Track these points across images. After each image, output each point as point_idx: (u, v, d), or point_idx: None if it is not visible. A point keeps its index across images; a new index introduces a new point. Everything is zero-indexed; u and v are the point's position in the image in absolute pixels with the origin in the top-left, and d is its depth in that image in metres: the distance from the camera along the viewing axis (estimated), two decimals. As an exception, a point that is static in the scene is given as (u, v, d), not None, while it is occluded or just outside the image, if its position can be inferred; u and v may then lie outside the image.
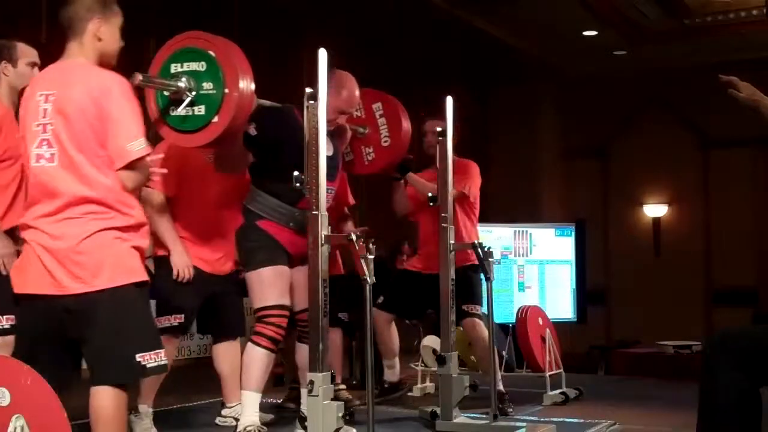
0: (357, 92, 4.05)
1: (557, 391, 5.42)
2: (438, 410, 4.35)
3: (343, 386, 4.98)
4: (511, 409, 4.85)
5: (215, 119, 3.39)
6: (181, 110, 3.38)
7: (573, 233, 7.97)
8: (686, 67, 10.87)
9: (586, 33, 9.97)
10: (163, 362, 2.87)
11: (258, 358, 3.79)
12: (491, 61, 10.82)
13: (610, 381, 7.56)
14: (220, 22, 8.17)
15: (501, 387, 4.92)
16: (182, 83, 3.39)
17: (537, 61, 10.88)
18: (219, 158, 3.85)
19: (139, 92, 3.16)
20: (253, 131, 3.80)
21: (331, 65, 3.47)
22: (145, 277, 2.88)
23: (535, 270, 7.63)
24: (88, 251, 2.77)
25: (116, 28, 3.03)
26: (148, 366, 2.81)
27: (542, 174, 11.97)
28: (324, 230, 3.38)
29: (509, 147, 11.94)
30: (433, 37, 9.67)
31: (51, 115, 2.81)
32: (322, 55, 3.42)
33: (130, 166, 2.83)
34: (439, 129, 4.50)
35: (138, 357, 2.79)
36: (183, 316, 4.04)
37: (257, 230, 3.88)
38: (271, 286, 3.82)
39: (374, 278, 3.37)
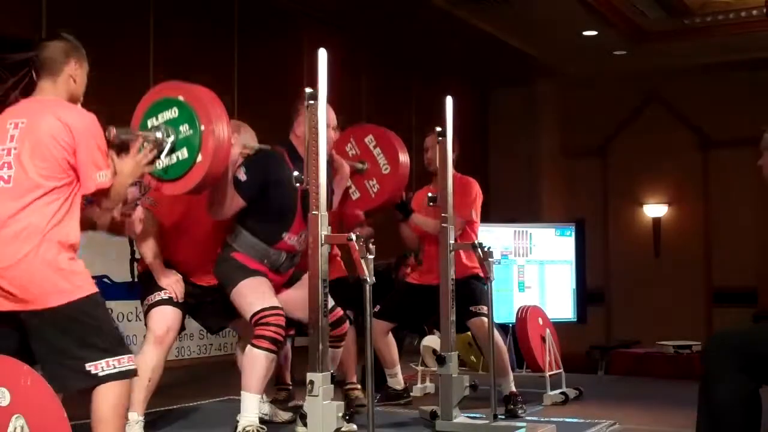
0: (328, 107, 4.10)
1: (557, 391, 5.42)
2: (438, 410, 4.35)
3: (357, 385, 4.99)
4: (522, 411, 4.85)
5: (199, 158, 3.41)
6: (164, 158, 3.41)
7: (573, 233, 7.97)
8: (686, 67, 10.88)
9: (586, 33, 9.97)
10: (125, 368, 2.92)
11: (258, 361, 3.77)
12: (491, 61, 10.82)
13: (610, 381, 7.55)
14: (220, 22, 8.19)
15: (513, 388, 4.93)
16: (159, 133, 3.43)
17: (537, 61, 10.88)
18: (211, 204, 3.86)
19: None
20: (242, 176, 3.85)
21: (332, 65, 3.47)
22: (84, 292, 2.91)
23: (535, 270, 7.62)
24: (21, 272, 2.84)
25: (85, 72, 3.21)
26: (102, 374, 2.86)
27: (542, 174, 11.97)
28: (324, 230, 3.38)
29: (509, 147, 11.95)
30: (433, 37, 9.67)
31: (17, 139, 2.95)
32: (322, 55, 3.43)
33: (98, 193, 3.04)
34: (438, 129, 4.50)
35: (88, 366, 2.85)
36: (166, 292, 3.99)
37: (232, 259, 3.94)
38: (256, 292, 3.85)
39: (374, 279, 3.37)
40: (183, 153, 3.42)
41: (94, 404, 2.86)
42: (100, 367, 2.86)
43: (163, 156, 3.40)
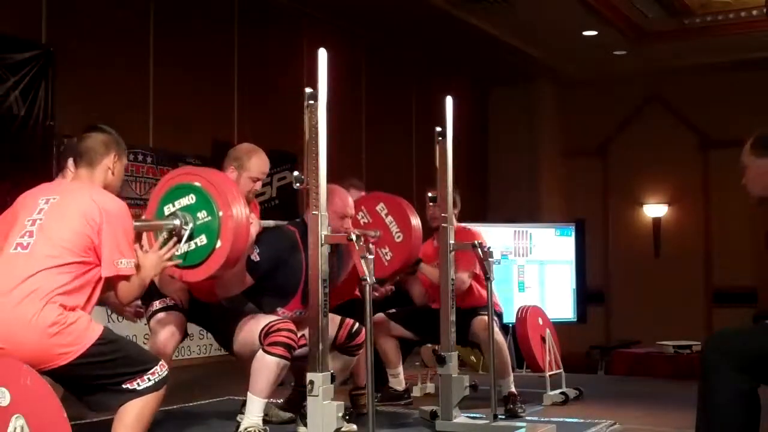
0: (346, 194, 4.17)
1: (557, 391, 5.42)
2: (438, 410, 4.35)
3: (365, 391, 4.98)
4: (522, 411, 4.85)
5: (218, 244, 3.40)
6: (183, 245, 3.40)
7: (573, 233, 7.97)
8: (686, 67, 10.89)
9: (586, 33, 9.97)
10: (159, 378, 2.98)
11: (269, 366, 3.74)
12: (491, 61, 10.82)
13: (610, 381, 7.55)
14: (220, 22, 8.19)
15: (513, 388, 4.94)
16: (177, 220, 3.43)
17: (537, 61, 10.88)
18: (220, 285, 3.86)
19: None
20: (255, 257, 3.88)
21: (331, 65, 3.47)
22: (90, 341, 2.90)
23: (535, 270, 7.63)
24: (26, 337, 2.84)
25: (123, 166, 3.29)
26: (140, 388, 2.94)
27: (542, 174, 11.97)
28: (324, 230, 3.38)
29: (509, 147, 11.95)
30: (433, 37, 9.67)
31: (46, 213, 3.02)
32: (322, 55, 3.43)
33: (116, 279, 3.05)
34: (438, 129, 4.50)
35: (125, 385, 2.92)
36: (170, 299, 3.99)
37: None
38: (254, 318, 3.87)
39: (374, 278, 3.37)
40: (202, 239, 3.42)
41: (119, 413, 2.93)
42: (136, 383, 2.94)
43: (182, 243, 3.40)
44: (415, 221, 4.77)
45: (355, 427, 3.76)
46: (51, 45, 6.45)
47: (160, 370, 2.99)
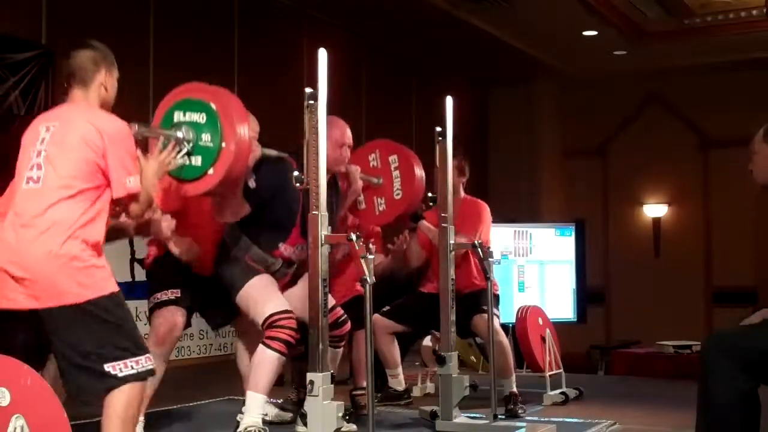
0: (344, 124, 4.19)
1: (557, 391, 5.42)
2: (438, 410, 4.35)
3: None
4: (522, 411, 4.84)
5: (210, 171, 3.42)
6: (179, 159, 3.41)
7: (573, 233, 7.97)
8: (686, 67, 10.88)
9: (586, 33, 9.97)
10: (143, 369, 2.94)
11: (269, 362, 3.75)
12: (491, 61, 10.82)
13: (610, 381, 7.56)
14: (220, 22, 8.19)
15: (514, 388, 4.94)
16: (181, 133, 3.43)
17: (537, 61, 10.88)
18: (218, 207, 3.86)
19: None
20: (252, 184, 3.86)
21: (331, 65, 3.47)
22: (105, 290, 2.94)
23: (535, 270, 7.62)
24: (42, 270, 2.89)
25: (116, 79, 3.28)
26: (121, 375, 2.89)
27: (542, 174, 11.96)
28: (324, 230, 3.38)
29: (509, 147, 11.95)
30: (433, 37, 9.67)
31: (48, 142, 3.02)
32: (322, 55, 3.44)
33: (127, 198, 3.08)
34: (438, 129, 4.50)
35: (107, 367, 2.88)
36: (179, 291, 3.99)
37: (233, 260, 3.94)
38: (264, 295, 3.85)
39: (374, 279, 3.37)
40: (197, 160, 3.43)
41: (106, 403, 2.89)
42: (118, 368, 2.89)
43: (178, 156, 3.41)
44: (419, 185, 4.70)
45: (355, 427, 3.77)
46: (51, 45, 6.46)
47: (146, 362, 2.96)
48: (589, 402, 5.48)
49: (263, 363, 3.76)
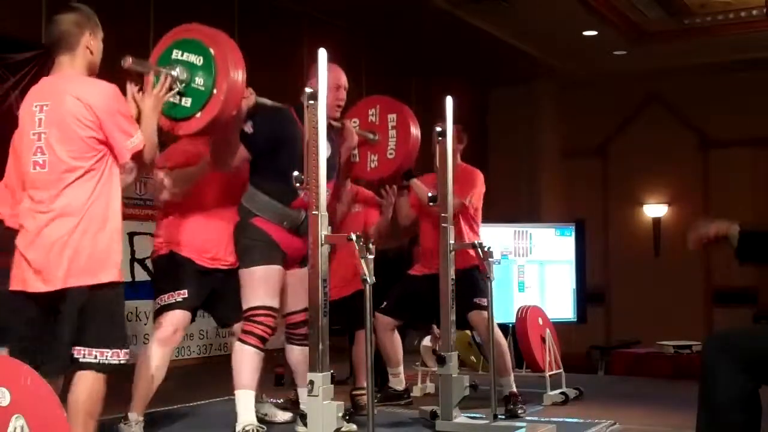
0: (338, 68, 4.19)
1: (557, 391, 5.42)
2: (438, 410, 4.35)
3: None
4: (522, 411, 4.84)
5: (198, 115, 3.46)
6: (169, 96, 3.43)
7: (573, 233, 7.96)
8: (686, 67, 10.88)
9: (586, 33, 9.97)
10: (106, 361, 3.01)
11: (248, 357, 3.82)
12: (491, 61, 10.82)
13: (610, 381, 7.55)
14: (220, 22, 8.18)
15: (514, 388, 4.93)
16: (175, 72, 3.45)
17: (537, 61, 10.88)
18: (215, 154, 3.87)
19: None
20: (249, 129, 3.86)
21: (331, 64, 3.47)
22: (109, 278, 3.03)
23: (535, 270, 7.62)
24: (55, 253, 2.98)
25: (101, 41, 3.25)
26: (82, 360, 2.98)
27: (542, 174, 11.97)
28: (324, 230, 3.38)
29: (509, 147, 11.95)
30: (433, 37, 9.67)
31: (45, 123, 3.04)
32: (322, 55, 3.43)
33: (134, 157, 3.14)
34: (438, 129, 4.50)
35: (75, 351, 2.98)
36: (185, 291, 3.99)
37: (253, 228, 3.92)
38: (261, 287, 3.86)
39: (374, 278, 3.37)
40: (187, 101, 3.46)
41: (69, 393, 2.99)
42: (83, 353, 2.98)
43: (169, 94, 3.43)
44: (414, 140, 4.69)
45: (355, 427, 3.77)
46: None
47: (111, 357, 3.03)
48: (589, 402, 5.48)
49: (243, 360, 3.82)
